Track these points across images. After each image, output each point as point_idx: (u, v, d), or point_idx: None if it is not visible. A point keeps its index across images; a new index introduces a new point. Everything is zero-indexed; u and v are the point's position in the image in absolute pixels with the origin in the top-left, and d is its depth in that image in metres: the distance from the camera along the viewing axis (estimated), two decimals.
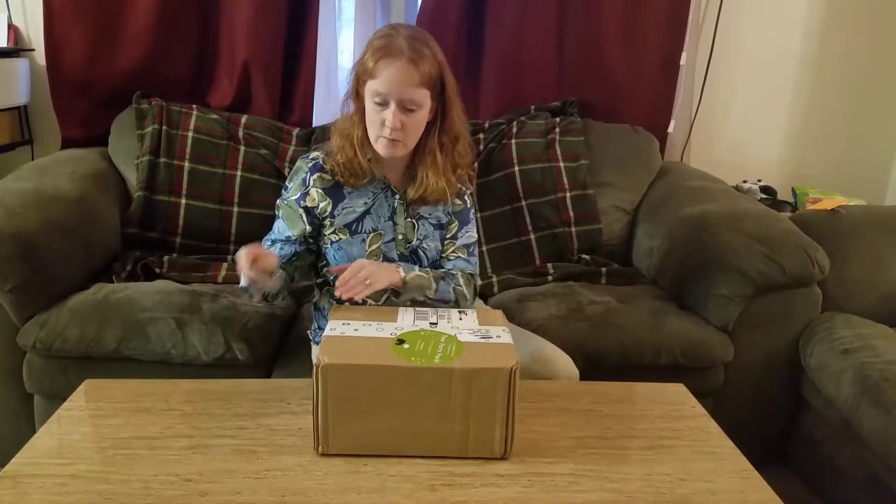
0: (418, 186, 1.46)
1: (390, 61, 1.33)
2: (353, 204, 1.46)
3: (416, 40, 1.36)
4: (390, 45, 1.34)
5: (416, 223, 1.50)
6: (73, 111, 2.30)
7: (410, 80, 1.34)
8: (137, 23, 2.26)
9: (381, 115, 1.36)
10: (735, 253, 1.82)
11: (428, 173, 1.45)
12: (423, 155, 1.45)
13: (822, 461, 1.83)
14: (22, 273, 1.64)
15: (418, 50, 1.34)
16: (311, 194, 1.45)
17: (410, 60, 1.33)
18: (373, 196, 1.47)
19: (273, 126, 2.31)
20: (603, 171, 2.33)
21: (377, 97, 1.35)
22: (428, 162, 1.45)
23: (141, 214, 2.12)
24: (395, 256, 1.47)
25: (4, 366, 1.72)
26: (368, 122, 1.40)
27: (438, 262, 1.54)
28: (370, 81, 1.35)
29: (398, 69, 1.33)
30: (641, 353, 1.77)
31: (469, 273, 1.53)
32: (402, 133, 1.37)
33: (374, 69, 1.34)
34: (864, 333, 1.77)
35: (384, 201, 1.48)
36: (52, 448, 1.11)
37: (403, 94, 1.34)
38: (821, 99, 2.66)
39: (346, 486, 1.04)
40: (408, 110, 1.36)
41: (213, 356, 1.67)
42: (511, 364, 1.07)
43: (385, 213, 1.48)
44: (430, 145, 1.45)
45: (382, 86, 1.34)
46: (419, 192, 1.46)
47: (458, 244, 1.54)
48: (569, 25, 2.43)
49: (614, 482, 1.08)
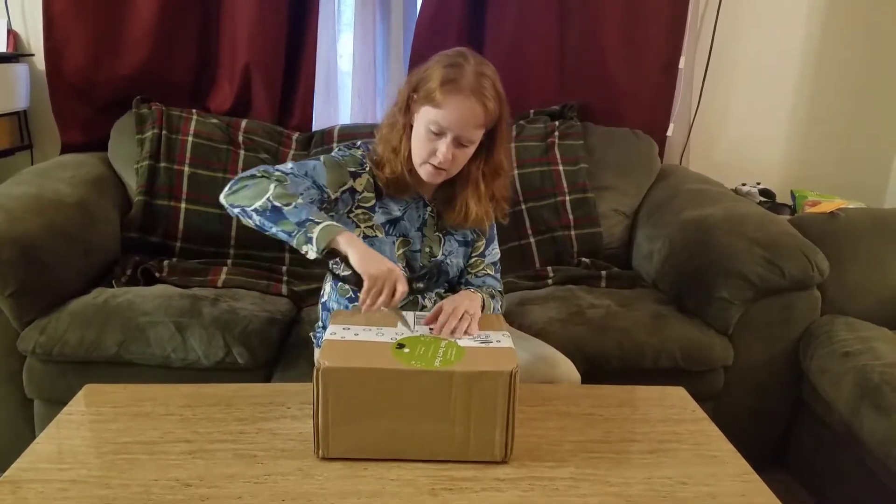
0: (458, 212, 1.45)
1: (459, 99, 1.29)
2: (391, 207, 1.45)
3: (485, 77, 1.32)
4: (460, 80, 1.30)
5: (443, 238, 1.50)
6: (72, 116, 2.30)
7: (475, 120, 1.32)
8: (137, 27, 2.26)
9: (434, 145, 1.34)
10: (735, 256, 1.82)
11: (469, 202, 1.44)
12: (465, 182, 1.44)
13: (823, 464, 1.83)
14: (22, 278, 1.64)
15: (487, 90, 1.31)
16: (362, 178, 1.42)
17: (480, 101, 1.30)
18: (405, 204, 1.47)
19: (273, 130, 2.32)
20: (602, 175, 2.33)
21: (434, 127, 1.32)
22: (470, 191, 1.44)
23: (141, 219, 2.12)
24: (417, 266, 1.47)
25: (4, 370, 1.72)
26: (416, 143, 1.37)
27: (456, 277, 1.55)
28: (431, 109, 1.32)
29: (466, 109, 1.30)
30: (642, 357, 1.77)
31: (498, 290, 1.54)
32: (451, 164, 1.36)
33: (441, 101, 1.30)
34: (864, 336, 1.77)
35: (415, 211, 1.47)
36: (52, 453, 1.11)
37: (464, 132, 1.32)
38: (819, 101, 2.67)
39: (346, 491, 1.04)
40: (461, 145, 1.35)
41: (213, 360, 1.67)
42: (511, 367, 1.07)
43: (415, 222, 1.47)
44: (473, 174, 1.43)
45: (445, 120, 1.31)
46: (459, 218, 1.45)
47: (486, 262, 1.56)
48: (568, 29, 2.43)
49: (615, 486, 1.08)
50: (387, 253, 1.42)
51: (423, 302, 1.49)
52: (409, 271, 1.45)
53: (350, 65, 2.52)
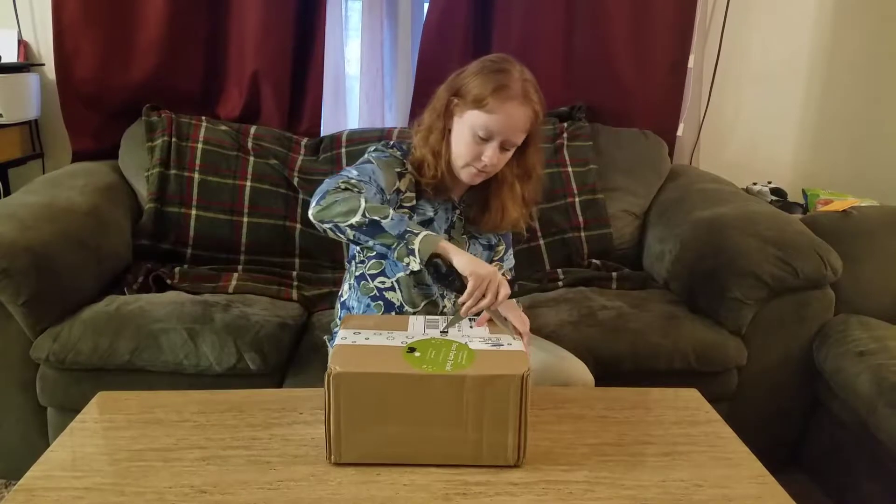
0: (494, 214, 1.46)
1: (513, 105, 1.32)
2: (425, 208, 1.47)
3: (530, 82, 1.35)
4: (511, 86, 1.32)
5: (469, 241, 1.51)
6: (83, 124, 2.32)
7: (523, 125, 1.35)
8: (146, 36, 2.28)
9: (480, 148, 1.35)
10: (747, 256, 1.81)
11: (507, 204, 1.46)
12: (499, 185, 1.45)
13: (840, 465, 1.81)
14: (35, 286, 1.65)
15: (534, 94, 1.34)
16: (405, 178, 1.44)
17: (530, 106, 1.34)
18: (437, 206, 1.48)
19: (282, 136, 2.32)
20: (612, 176, 2.32)
21: (483, 132, 1.34)
22: (506, 193, 1.45)
23: (152, 226, 2.13)
24: (443, 269, 1.47)
25: (18, 379, 1.73)
26: (461, 146, 1.38)
27: None
28: (481, 114, 1.33)
29: (518, 116, 1.33)
30: (655, 358, 1.76)
31: None
32: (495, 168, 1.38)
33: (492, 106, 1.32)
34: (879, 335, 1.76)
35: (444, 214, 1.48)
36: (66, 461, 1.12)
37: (512, 136, 1.35)
38: (830, 99, 2.65)
39: (359, 496, 1.04)
40: (505, 149, 1.37)
41: (226, 366, 1.68)
42: (523, 371, 1.07)
43: (444, 224, 1.48)
44: (508, 177, 1.45)
45: (496, 125, 1.33)
46: (496, 220, 1.47)
47: (505, 267, 1.59)
48: (575, 30, 2.43)
49: (630, 489, 1.07)
50: None
51: (442, 303, 1.49)
52: (436, 273, 1.46)
53: (358, 70, 2.52)
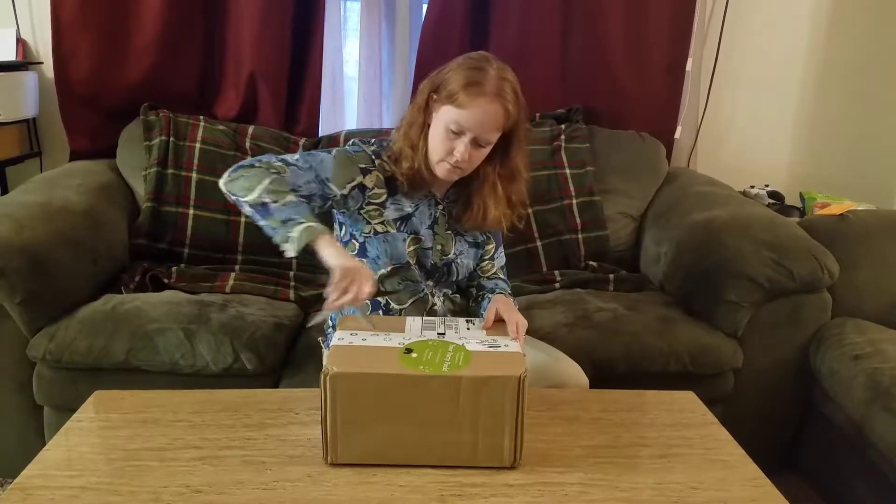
0: (476, 212, 1.46)
1: (482, 102, 1.32)
2: (402, 203, 1.46)
3: (507, 81, 1.34)
4: (483, 82, 1.32)
5: (455, 238, 1.51)
6: (81, 123, 2.32)
7: (495, 123, 1.34)
8: (144, 35, 2.28)
9: (452, 144, 1.35)
10: (744, 259, 1.82)
11: (488, 202, 1.45)
12: (481, 183, 1.45)
13: (835, 467, 1.82)
14: (31, 285, 1.65)
15: (508, 93, 1.33)
16: (372, 175, 1.43)
17: (501, 104, 1.33)
18: (417, 201, 1.47)
19: (279, 136, 2.32)
20: (609, 178, 2.33)
21: (454, 126, 1.34)
22: (487, 192, 1.45)
23: (149, 225, 2.13)
24: (429, 265, 1.48)
25: (14, 378, 1.73)
26: (435, 141, 1.38)
27: (465, 279, 1.56)
28: (452, 109, 1.34)
29: (488, 112, 1.32)
30: (650, 361, 1.76)
31: (509, 293, 1.55)
32: (468, 164, 1.38)
33: (462, 101, 1.32)
34: (874, 339, 1.76)
35: (426, 209, 1.48)
36: (61, 460, 1.12)
37: (483, 133, 1.35)
38: (828, 103, 2.66)
39: (355, 497, 1.04)
40: (478, 145, 1.37)
41: (222, 366, 1.68)
42: (519, 372, 1.07)
43: (426, 220, 1.48)
44: (489, 176, 1.45)
45: (466, 120, 1.33)
46: (477, 219, 1.47)
47: (496, 265, 1.59)
48: (572, 32, 2.43)
49: (625, 491, 1.07)
50: (399, 249, 1.43)
51: (432, 300, 1.49)
52: (421, 269, 1.46)
53: (356, 70, 2.52)
